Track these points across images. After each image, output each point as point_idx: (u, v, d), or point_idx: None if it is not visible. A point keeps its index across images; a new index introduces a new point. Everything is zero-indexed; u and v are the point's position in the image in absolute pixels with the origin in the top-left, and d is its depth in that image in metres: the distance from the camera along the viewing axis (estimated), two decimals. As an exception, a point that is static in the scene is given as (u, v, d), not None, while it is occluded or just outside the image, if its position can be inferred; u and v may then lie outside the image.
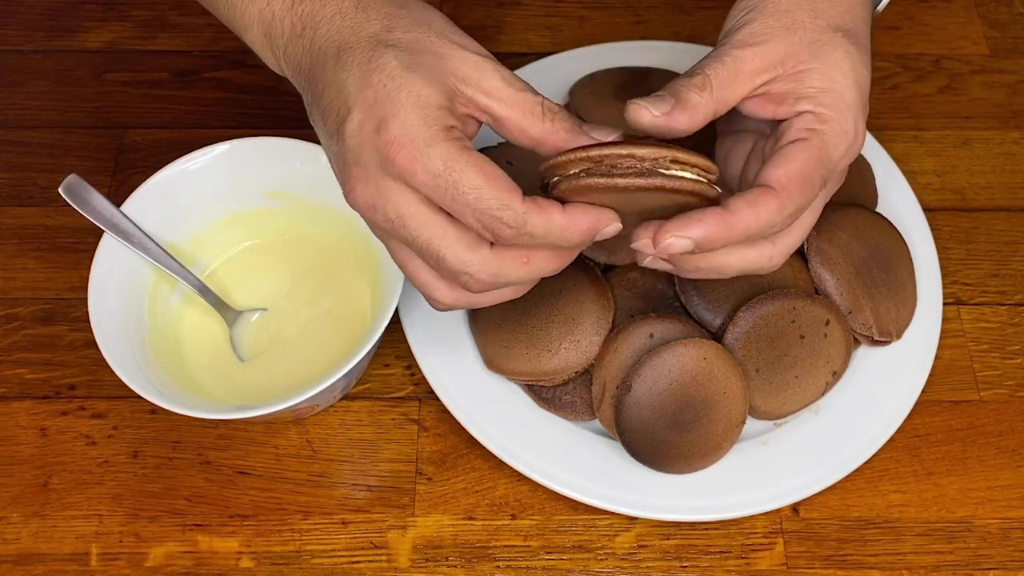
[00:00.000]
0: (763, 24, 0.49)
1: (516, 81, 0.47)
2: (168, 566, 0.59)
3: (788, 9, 0.49)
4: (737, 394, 0.59)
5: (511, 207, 0.44)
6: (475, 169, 0.44)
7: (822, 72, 0.48)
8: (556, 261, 0.48)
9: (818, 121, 0.48)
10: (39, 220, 0.71)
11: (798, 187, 0.47)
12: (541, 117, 0.47)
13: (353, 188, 0.46)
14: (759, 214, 0.46)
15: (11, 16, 0.81)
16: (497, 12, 0.82)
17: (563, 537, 0.60)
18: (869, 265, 0.64)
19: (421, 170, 0.44)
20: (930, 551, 0.60)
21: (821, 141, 0.48)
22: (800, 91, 0.48)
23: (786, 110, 0.49)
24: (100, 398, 0.64)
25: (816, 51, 0.49)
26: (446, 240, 0.46)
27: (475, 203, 0.44)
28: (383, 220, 0.46)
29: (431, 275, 0.49)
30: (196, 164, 0.62)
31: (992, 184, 0.74)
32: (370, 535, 0.60)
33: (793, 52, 0.48)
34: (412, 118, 0.44)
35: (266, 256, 0.66)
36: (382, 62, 0.45)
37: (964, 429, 0.64)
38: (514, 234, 0.45)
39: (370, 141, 0.45)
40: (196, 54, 0.79)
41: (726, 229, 0.46)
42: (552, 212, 0.45)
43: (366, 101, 0.45)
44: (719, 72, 0.48)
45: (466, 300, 0.50)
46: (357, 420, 0.64)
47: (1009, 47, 0.81)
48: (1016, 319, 0.68)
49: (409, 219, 0.46)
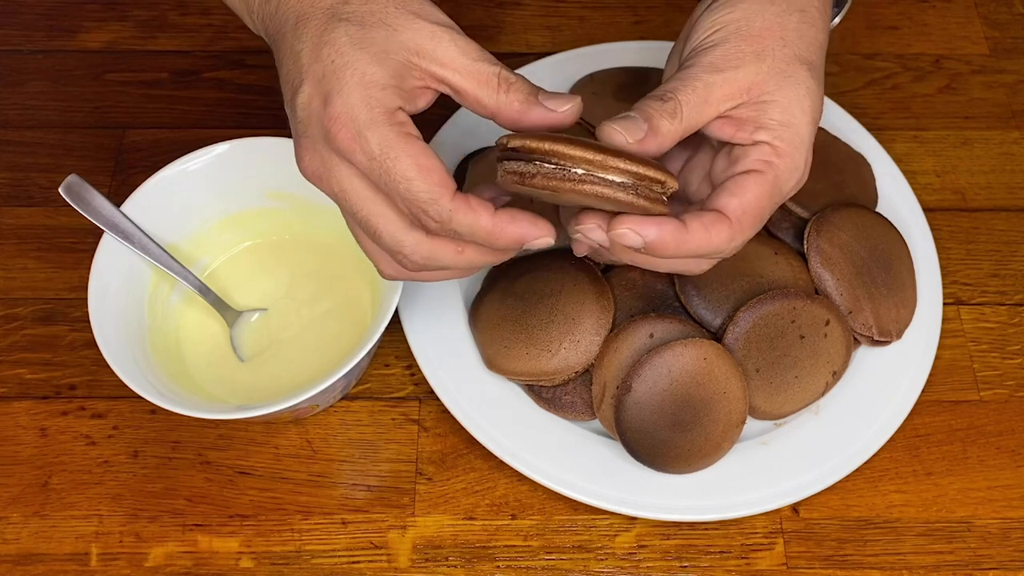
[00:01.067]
0: (735, 48, 0.49)
1: (473, 51, 0.47)
2: (168, 566, 0.59)
3: (760, 34, 0.50)
4: (737, 394, 0.59)
5: (439, 202, 0.45)
6: (410, 159, 0.45)
7: (784, 106, 0.49)
8: (490, 256, 0.49)
9: (774, 154, 0.49)
10: (39, 220, 0.71)
11: (750, 220, 0.49)
12: (496, 88, 0.47)
13: (303, 157, 0.47)
14: (711, 239, 0.48)
15: (11, 16, 0.81)
16: (497, 12, 0.82)
17: (563, 537, 0.60)
18: (869, 265, 0.64)
19: (359, 151, 0.45)
20: (930, 551, 0.60)
21: (775, 176, 0.49)
22: (760, 120, 0.49)
23: (744, 136, 0.50)
24: (100, 398, 0.64)
25: (781, 83, 0.50)
26: (383, 219, 0.47)
27: (404, 192, 0.45)
28: (328, 191, 0.48)
29: (375, 246, 0.50)
30: (196, 164, 0.62)
31: (992, 184, 0.74)
32: (370, 535, 0.60)
33: (760, 81, 0.49)
34: (354, 97, 0.45)
35: (266, 256, 0.66)
36: (332, 37, 0.46)
37: (964, 429, 0.64)
38: (439, 228, 0.46)
39: (317, 115, 0.46)
40: (196, 54, 0.79)
41: (676, 243, 0.47)
42: (480, 214, 0.46)
43: (315, 75, 0.46)
44: (690, 99, 0.49)
45: (407, 275, 0.51)
46: (357, 420, 0.64)
47: (1009, 47, 0.81)
48: (1016, 319, 0.68)
49: (351, 194, 0.47)
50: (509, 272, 0.65)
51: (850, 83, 0.78)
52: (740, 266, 0.63)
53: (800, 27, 0.51)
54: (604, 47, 0.75)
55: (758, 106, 0.49)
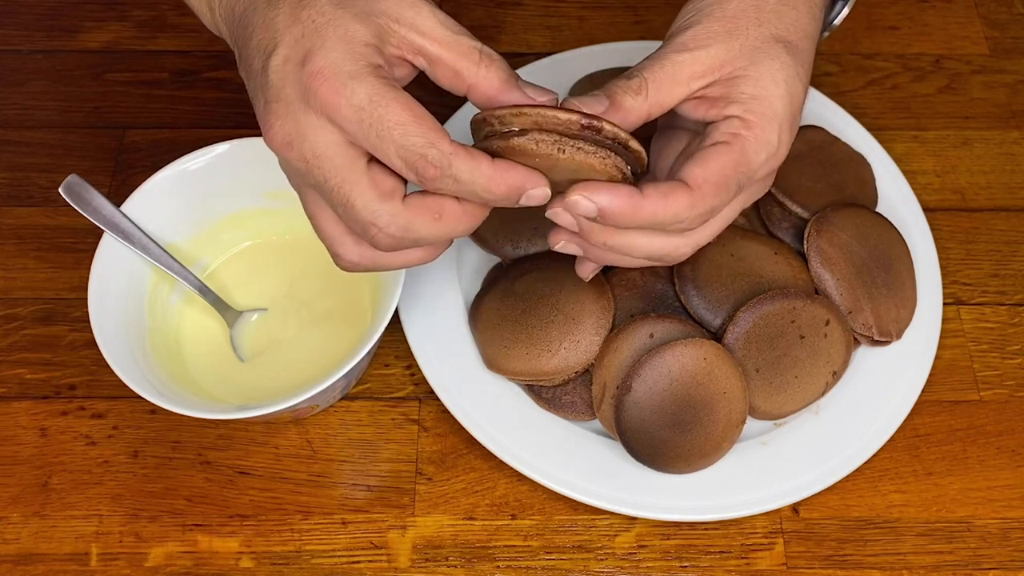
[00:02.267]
0: (706, 28, 0.49)
1: (453, 24, 0.46)
2: (168, 566, 0.59)
3: (734, 16, 0.49)
4: (737, 394, 0.59)
5: (437, 146, 0.44)
6: (401, 105, 0.44)
7: (754, 79, 0.49)
8: (469, 219, 0.47)
9: (743, 127, 0.48)
10: (39, 220, 0.71)
11: (712, 189, 0.47)
12: (477, 62, 0.46)
13: (272, 125, 0.45)
14: (667, 205, 0.47)
15: (11, 16, 0.81)
16: (497, 12, 0.82)
17: (563, 537, 0.60)
18: (869, 265, 0.64)
19: (345, 103, 0.43)
20: (930, 551, 0.60)
21: (742, 147, 0.48)
22: (731, 95, 0.49)
23: (716, 113, 0.49)
24: (100, 398, 0.64)
25: (753, 58, 0.49)
26: (359, 187, 0.45)
27: (400, 139, 0.43)
28: (298, 159, 0.45)
29: (339, 228, 0.48)
30: (196, 164, 0.62)
31: (992, 184, 0.74)
32: (370, 535, 0.60)
33: (731, 58, 0.49)
34: (338, 51, 0.44)
35: (266, 256, 0.66)
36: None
37: (964, 429, 0.64)
38: (438, 174, 0.44)
39: (294, 74, 0.44)
40: (196, 54, 0.79)
41: (632, 208, 0.46)
42: (480, 159, 0.45)
43: (293, 36, 0.45)
44: (657, 76, 0.48)
45: (371, 259, 0.49)
46: (357, 420, 0.64)
47: (1009, 47, 0.81)
48: (1016, 319, 0.68)
49: (325, 160, 0.45)
50: (509, 272, 0.65)
51: (850, 83, 0.78)
52: (740, 266, 0.63)
53: (779, 8, 0.50)
54: (604, 47, 0.75)
55: (729, 82, 0.49)
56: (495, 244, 0.66)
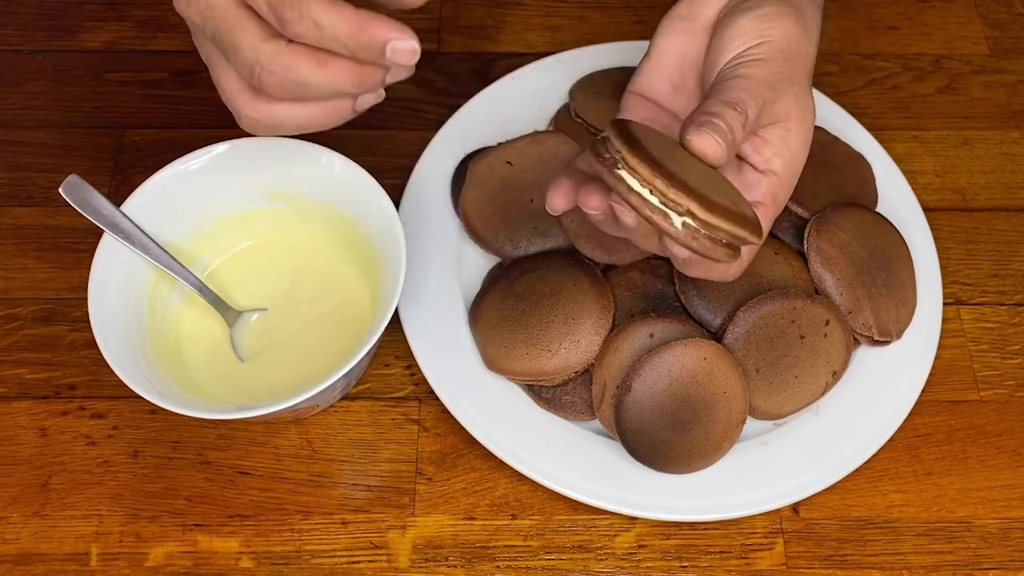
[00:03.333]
0: (778, 68, 0.52)
1: None
2: (168, 566, 0.59)
3: (792, 59, 0.53)
4: (737, 394, 0.59)
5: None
6: None
7: (797, 138, 0.53)
8: (355, 75, 0.47)
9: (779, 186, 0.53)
10: (39, 220, 0.71)
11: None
12: None
13: None
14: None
15: (11, 16, 0.81)
16: (497, 12, 0.82)
17: (563, 537, 0.60)
18: (869, 265, 0.64)
19: None
20: (930, 551, 0.60)
21: (775, 209, 0.53)
22: (778, 148, 0.53)
23: (758, 159, 0.53)
24: (100, 398, 0.64)
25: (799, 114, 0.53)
26: (243, 29, 0.47)
27: None
28: (195, 13, 0.48)
29: (239, 84, 0.49)
30: (196, 164, 0.62)
31: (992, 184, 0.74)
32: (370, 535, 0.60)
33: (787, 107, 0.53)
34: None
35: (266, 256, 0.66)
36: None
37: (964, 429, 0.64)
38: (296, 16, 0.45)
39: None
40: (196, 54, 0.78)
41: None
42: (343, 8, 0.45)
43: None
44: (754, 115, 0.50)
45: (268, 113, 0.49)
46: (357, 420, 0.64)
47: (1009, 47, 0.81)
48: (1016, 319, 0.68)
49: (216, 9, 0.47)
50: (509, 272, 0.65)
51: (850, 83, 0.78)
52: (740, 266, 0.63)
53: (810, 49, 0.54)
54: (604, 47, 0.75)
55: (780, 134, 0.52)
56: (495, 244, 0.66)
